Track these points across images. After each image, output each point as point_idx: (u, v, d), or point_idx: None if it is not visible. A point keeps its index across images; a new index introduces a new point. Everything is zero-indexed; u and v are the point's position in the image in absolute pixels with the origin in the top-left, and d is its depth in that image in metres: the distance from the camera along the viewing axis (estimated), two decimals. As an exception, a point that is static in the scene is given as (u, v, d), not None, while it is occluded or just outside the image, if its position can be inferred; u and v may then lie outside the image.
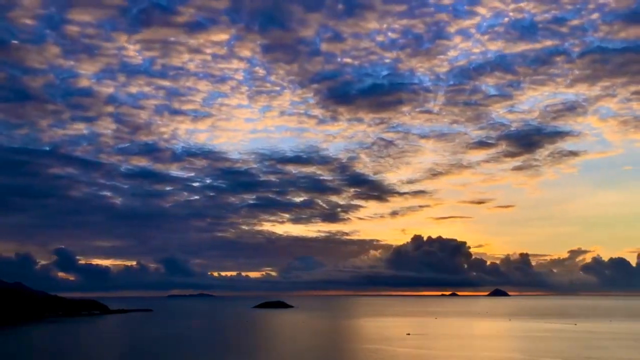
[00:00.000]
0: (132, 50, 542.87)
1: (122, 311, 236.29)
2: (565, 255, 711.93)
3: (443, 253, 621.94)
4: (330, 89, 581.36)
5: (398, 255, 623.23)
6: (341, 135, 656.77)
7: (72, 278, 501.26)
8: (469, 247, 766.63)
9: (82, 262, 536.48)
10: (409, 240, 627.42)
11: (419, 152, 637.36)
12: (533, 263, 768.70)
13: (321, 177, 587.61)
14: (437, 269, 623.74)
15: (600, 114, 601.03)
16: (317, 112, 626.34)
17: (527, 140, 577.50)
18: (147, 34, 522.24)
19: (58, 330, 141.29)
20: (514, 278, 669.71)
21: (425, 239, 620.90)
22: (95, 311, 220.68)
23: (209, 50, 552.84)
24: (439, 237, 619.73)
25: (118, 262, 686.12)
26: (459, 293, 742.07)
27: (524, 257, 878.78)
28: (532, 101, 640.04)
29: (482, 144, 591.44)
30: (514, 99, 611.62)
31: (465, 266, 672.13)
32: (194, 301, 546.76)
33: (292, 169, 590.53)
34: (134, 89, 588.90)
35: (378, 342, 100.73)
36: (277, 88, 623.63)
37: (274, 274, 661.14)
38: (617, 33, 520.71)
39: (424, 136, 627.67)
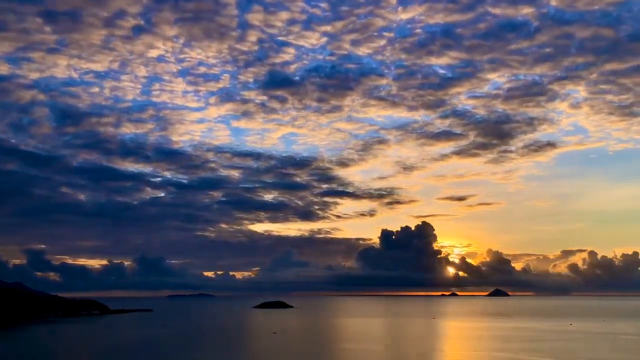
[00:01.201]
0: (39, 25, 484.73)
1: (122, 311, 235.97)
2: (558, 254, 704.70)
3: (433, 253, 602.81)
4: (270, 72, 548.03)
5: (388, 254, 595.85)
6: (292, 124, 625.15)
7: (52, 278, 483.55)
8: (458, 247, 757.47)
9: (59, 262, 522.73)
10: (395, 239, 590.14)
11: (382, 144, 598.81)
12: (524, 263, 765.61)
13: (285, 172, 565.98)
14: (430, 269, 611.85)
15: (572, 99, 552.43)
16: (261, 98, 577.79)
17: (497, 130, 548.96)
18: (50, 4, 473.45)
19: (58, 330, 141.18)
20: (509, 278, 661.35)
21: (414, 238, 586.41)
22: (95, 311, 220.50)
23: (127, 25, 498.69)
24: (429, 236, 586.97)
25: (102, 261, 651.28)
26: (458, 293, 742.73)
27: (516, 257, 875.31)
28: (493, 84, 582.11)
29: (449, 135, 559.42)
30: (472, 82, 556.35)
31: (458, 266, 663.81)
32: (193, 301, 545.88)
33: (252, 163, 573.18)
34: (59, 73, 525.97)
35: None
36: (215, 71, 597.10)
37: (264, 273, 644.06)
38: (574, 1, 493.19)
39: (383, 127, 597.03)
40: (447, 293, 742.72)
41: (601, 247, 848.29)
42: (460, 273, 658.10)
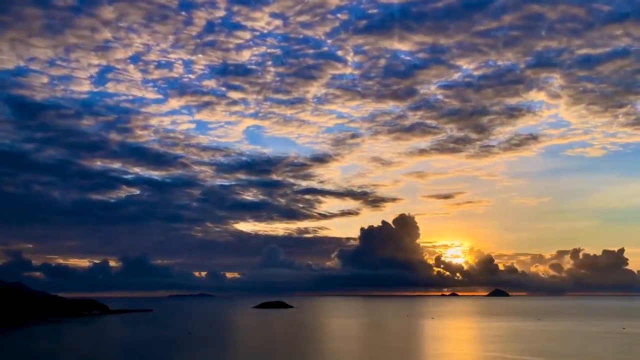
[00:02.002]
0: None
1: (122, 311, 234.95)
2: (554, 254, 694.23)
3: (418, 251, 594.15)
4: (225, 60, 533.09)
5: (375, 253, 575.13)
6: (255, 117, 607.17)
7: (38, 278, 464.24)
8: (451, 247, 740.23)
9: (42, 262, 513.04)
10: (379, 236, 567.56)
11: (355, 138, 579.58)
12: (518, 263, 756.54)
13: (260, 169, 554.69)
14: (421, 268, 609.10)
15: (549, 88, 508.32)
16: (220, 89, 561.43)
17: (474, 123, 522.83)
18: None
19: (59, 330, 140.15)
20: (504, 279, 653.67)
21: (397, 235, 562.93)
22: (95, 311, 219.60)
23: (61, 4, 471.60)
24: (413, 233, 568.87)
25: (90, 261, 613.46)
26: (459, 293, 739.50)
27: (511, 257, 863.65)
28: (463, 72, 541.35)
29: (424, 128, 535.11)
30: (440, 69, 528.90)
31: (452, 267, 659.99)
32: (193, 301, 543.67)
33: (222, 158, 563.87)
34: (6, 62, 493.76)
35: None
36: (167, 59, 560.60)
37: (256, 273, 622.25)
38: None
39: (352, 119, 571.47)
40: (447, 293, 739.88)
41: (600, 247, 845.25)
42: (456, 273, 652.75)
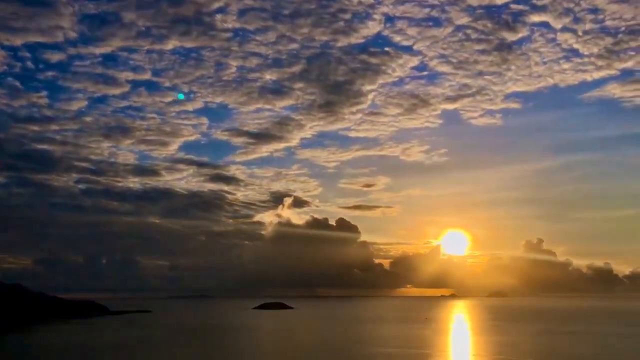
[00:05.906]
0: None
1: (122, 312, 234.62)
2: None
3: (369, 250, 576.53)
4: None
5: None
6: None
7: None
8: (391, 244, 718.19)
9: None
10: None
11: (176, 106, 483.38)
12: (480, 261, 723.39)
13: (143, 152, 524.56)
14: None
15: (397, 24, 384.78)
16: None
17: (317, 75, 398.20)
18: None
19: (59, 330, 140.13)
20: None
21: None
22: (94, 312, 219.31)
23: None
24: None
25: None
26: (457, 294, 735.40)
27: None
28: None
29: (275, 87, 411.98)
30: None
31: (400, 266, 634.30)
32: (192, 302, 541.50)
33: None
34: None
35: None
36: None
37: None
38: None
39: (144, 71, 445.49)
40: (446, 294, 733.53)
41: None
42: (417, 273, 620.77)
